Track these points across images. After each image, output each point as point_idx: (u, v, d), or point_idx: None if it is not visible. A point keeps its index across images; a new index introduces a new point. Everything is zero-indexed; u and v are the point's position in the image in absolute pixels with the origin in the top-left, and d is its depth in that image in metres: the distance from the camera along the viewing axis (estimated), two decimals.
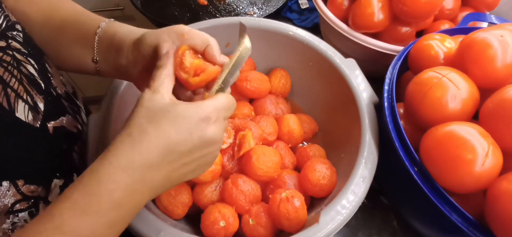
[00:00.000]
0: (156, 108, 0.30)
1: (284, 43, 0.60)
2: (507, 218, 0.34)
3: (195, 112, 0.31)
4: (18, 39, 0.39)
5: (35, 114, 0.38)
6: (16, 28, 0.40)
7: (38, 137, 0.39)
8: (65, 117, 0.45)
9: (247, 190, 0.48)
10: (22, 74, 0.38)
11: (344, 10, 0.67)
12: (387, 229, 0.55)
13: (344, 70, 0.54)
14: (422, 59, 0.50)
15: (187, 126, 0.30)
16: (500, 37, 0.41)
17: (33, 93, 0.39)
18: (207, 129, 0.31)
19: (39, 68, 0.41)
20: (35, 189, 0.37)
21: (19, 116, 0.36)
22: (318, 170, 0.48)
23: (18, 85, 0.37)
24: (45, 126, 0.40)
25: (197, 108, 0.31)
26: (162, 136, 0.29)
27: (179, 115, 0.30)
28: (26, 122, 0.37)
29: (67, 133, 0.44)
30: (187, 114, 0.30)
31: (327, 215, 0.40)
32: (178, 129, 0.30)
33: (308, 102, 0.64)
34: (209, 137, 0.32)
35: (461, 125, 0.39)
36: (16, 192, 0.35)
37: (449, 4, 0.65)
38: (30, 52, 0.40)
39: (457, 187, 0.38)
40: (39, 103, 0.39)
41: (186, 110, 0.31)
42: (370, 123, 0.48)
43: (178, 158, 0.31)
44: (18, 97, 0.36)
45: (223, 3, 0.91)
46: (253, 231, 0.46)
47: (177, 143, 0.30)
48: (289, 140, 0.57)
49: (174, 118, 0.30)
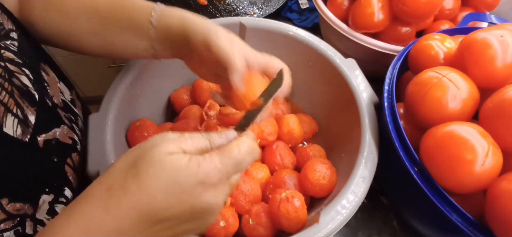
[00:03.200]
0: (154, 155, 0.25)
1: (284, 43, 0.60)
2: (507, 218, 0.34)
3: (191, 172, 0.25)
4: (11, 49, 0.38)
5: (24, 127, 0.37)
6: (11, 36, 0.39)
7: (27, 151, 0.37)
8: (59, 128, 0.43)
9: (247, 190, 0.48)
10: (13, 86, 0.37)
11: (344, 10, 0.67)
12: (387, 229, 0.55)
13: (344, 70, 0.54)
14: (422, 59, 0.50)
15: (177, 190, 0.24)
16: (500, 37, 0.41)
17: (24, 105, 0.37)
18: (202, 195, 0.25)
19: (34, 78, 0.40)
20: (21, 207, 0.35)
21: (6, 131, 0.34)
22: (318, 170, 0.48)
23: (8, 98, 0.35)
24: (34, 139, 0.38)
25: (194, 167, 0.25)
26: (146, 198, 0.24)
27: (172, 174, 0.24)
28: (14, 137, 0.35)
29: (59, 146, 0.43)
30: (180, 174, 0.24)
31: (327, 215, 0.40)
32: (167, 193, 0.24)
33: (308, 102, 0.64)
34: (204, 204, 0.26)
35: (461, 125, 0.39)
36: (0, 211, 0.33)
37: (449, 4, 0.65)
38: (25, 61, 0.39)
39: (457, 187, 0.38)
40: (30, 116, 0.38)
41: (181, 167, 0.25)
42: (370, 123, 0.48)
43: (159, 223, 0.25)
44: (8, 111, 0.35)
45: (223, 3, 0.91)
46: (253, 231, 0.46)
47: (162, 209, 0.24)
48: (289, 140, 0.57)
49: (165, 176, 0.24)
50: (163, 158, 0.24)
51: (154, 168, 0.24)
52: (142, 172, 0.24)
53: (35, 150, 0.38)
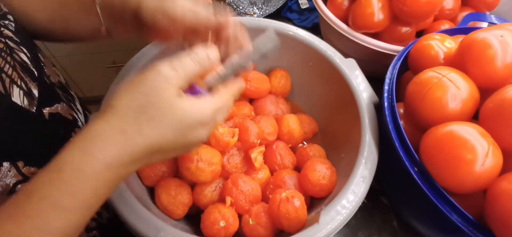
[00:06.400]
0: (163, 100, 0.28)
1: (284, 43, 0.60)
2: (507, 218, 0.34)
3: (198, 115, 0.30)
4: (10, 28, 0.39)
5: (30, 99, 0.38)
6: (8, 18, 0.40)
7: (35, 121, 0.39)
8: (60, 104, 0.45)
9: (247, 190, 0.48)
10: (15, 61, 0.38)
11: (344, 10, 0.67)
12: (387, 229, 0.55)
13: (344, 70, 0.54)
14: (422, 59, 0.50)
15: (184, 128, 0.30)
16: (500, 37, 0.41)
17: (27, 79, 0.39)
18: (201, 132, 0.31)
19: (31, 56, 0.41)
20: (35, 171, 0.37)
21: (15, 101, 0.36)
22: (318, 170, 0.48)
23: (12, 71, 0.37)
24: (40, 111, 0.40)
25: (200, 111, 0.30)
26: (158, 137, 0.28)
27: (181, 116, 0.29)
28: (22, 106, 0.37)
29: (63, 120, 0.44)
30: (188, 117, 0.29)
31: (327, 215, 0.40)
32: (175, 131, 0.29)
33: (308, 102, 0.64)
34: (200, 139, 0.32)
35: (461, 125, 0.39)
36: (17, 173, 0.35)
37: (449, 4, 0.65)
38: (22, 41, 0.40)
39: (457, 187, 0.38)
40: (34, 90, 0.39)
41: (190, 111, 0.30)
42: (370, 123, 0.48)
43: (161, 152, 0.30)
44: (13, 82, 0.36)
45: (223, 3, 0.91)
46: (253, 231, 0.46)
47: (168, 143, 0.29)
48: (289, 140, 0.57)
49: (175, 119, 0.29)
50: (171, 103, 0.29)
51: (164, 113, 0.28)
52: (155, 117, 0.28)
53: (42, 121, 0.40)
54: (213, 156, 0.47)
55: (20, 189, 0.33)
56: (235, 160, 0.52)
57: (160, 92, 0.29)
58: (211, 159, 0.47)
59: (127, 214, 0.40)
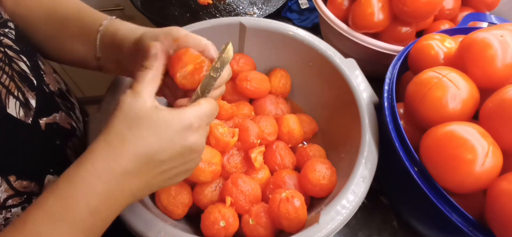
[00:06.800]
0: (137, 113, 0.30)
1: (284, 43, 0.60)
2: (507, 218, 0.34)
3: (178, 120, 0.31)
4: (10, 36, 0.39)
5: (26, 110, 0.38)
6: (8, 25, 0.40)
7: (30, 133, 0.39)
8: (58, 113, 0.45)
9: (247, 190, 0.48)
10: (13, 70, 0.38)
11: (344, 10, 0.67)
12: (387, 229, 0.55)
13: (344, 70, 0.54)
14: (422, 59, 0.50)
15: (169, 134, 0.30)
16: (500, 37, 0.41)
17: (25, 89, 0.39)
18: (189, 137, 0.31)
19: (31, 65, 0.41)
20: (27, 184, 0.37)
21: (10, 112, 0.36)
22: (318, 170, 0.48)
23: (9, 81, 0.37)
24: (37, 122, 0.40)
25: (180, 116, 0.31)
26: (142, 144, 0.29)
27: (161, 123, 0.30)
28: (17, 118, 0.37)
29: (60, 129, 0.44)
30: (169, 122, 0.30)
31: (327, 215, 0.40)
32: (159, 137, 0.30)
33: (308, 102, 0.64)
34: (191, 145, 0.32)
35: (461, 125, 0.39)
36: (8, 187, 0.35)
37: (449, 4, 0.65)
38: (22, 49, 0.40)
39: (457, 187, 0.38)
40: (31, 100, 0.39)
41: (169, 117, 0.30)
42: (370, 123, 0.48)
43: (158, 166, 0.31)
44: (9, 93, 0.36)
45: (223, 3, 0.91)
46: (253, 231, 0.46)
47: (158, 151, 0.30)
48: (289, 140, 0.57)
49: (155, 125, 0.30)
50: (148, 113, 0.30)
51: (144, 119, 0.30)
52: (135, 123, 0.29)
53: (38, 132, 0.40)
54: (213, 156, 0.47)
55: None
56: (235, 160, 0.52)
57: (138, 107, 0.30)
58: (211, 159, 0.47)
59: (127, 214, 0.40)
